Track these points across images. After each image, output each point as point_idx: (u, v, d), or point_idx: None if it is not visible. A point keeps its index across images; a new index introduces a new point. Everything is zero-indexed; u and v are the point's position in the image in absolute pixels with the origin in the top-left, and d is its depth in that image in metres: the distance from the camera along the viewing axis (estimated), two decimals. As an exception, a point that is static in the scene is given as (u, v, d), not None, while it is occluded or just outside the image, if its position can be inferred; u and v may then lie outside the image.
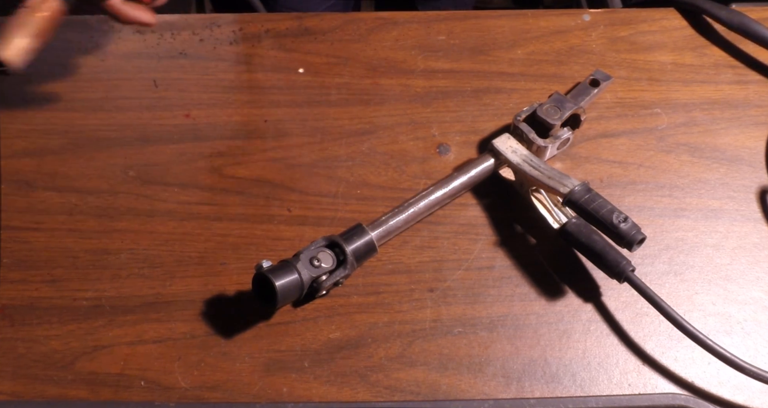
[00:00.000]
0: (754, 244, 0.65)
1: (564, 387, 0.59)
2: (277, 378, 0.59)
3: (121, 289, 0.62)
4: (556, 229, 0.62)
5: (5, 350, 0.60)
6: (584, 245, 0.60)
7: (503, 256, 0.64)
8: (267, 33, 0.77)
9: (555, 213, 0.63)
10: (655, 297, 0.58)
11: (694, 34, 0.78)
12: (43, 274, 0.63)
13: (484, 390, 0.58)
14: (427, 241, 0.65)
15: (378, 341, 0.60)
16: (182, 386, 0.58)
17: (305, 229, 0.65)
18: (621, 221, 0.58)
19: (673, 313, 0.57)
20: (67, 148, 0.70)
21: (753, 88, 0.74)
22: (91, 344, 0.60)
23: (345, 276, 0.59)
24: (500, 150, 0.65)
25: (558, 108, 0.66)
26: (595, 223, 0.60)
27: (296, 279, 0.57)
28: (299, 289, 0.57)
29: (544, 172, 0.63)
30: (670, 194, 0.68)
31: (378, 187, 0.68)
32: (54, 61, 0.75)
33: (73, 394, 0.58)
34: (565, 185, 0.61)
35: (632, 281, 0.59)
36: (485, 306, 0.62)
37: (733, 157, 0.70)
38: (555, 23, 0.78)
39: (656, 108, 0.73)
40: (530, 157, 0.64)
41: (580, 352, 0.60)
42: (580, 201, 0.60)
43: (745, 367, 0.56)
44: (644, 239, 0.58)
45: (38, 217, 0.66)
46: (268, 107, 0.73)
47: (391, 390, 0.58)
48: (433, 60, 0.75)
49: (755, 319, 0.62)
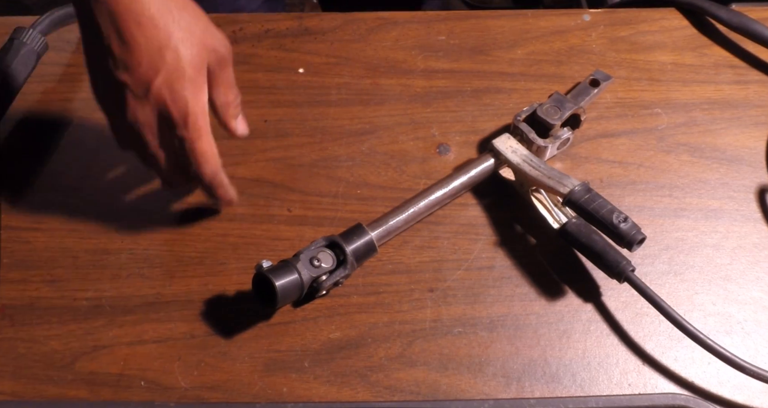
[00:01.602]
0: (754, 244, 0.65)
1: (564, 387, 0.59)
2: (277, 378, 0.59)
3: (121, 289, 0.62)
4: (556, 229, 0.62)
5: (5, 350, 0.60)
6: (584, 245, 0.60)
7: (503, 256, 0.64)
8: (267, 33, 0.77)
9: (555, 213, 0.63)
10: (655, 297, 0.58)
11: (694, 34, 0.78)
12: (43, 274, 0.63)
13: (484, 390, 0.58)
14: (427, 241, 0.65)
15: (378, 341, 0.60)
16: (182, 386, 0.58)
17: (305, 229, 0.65)
18: (621, 221, 0.58)
19: (674, 313, 0.57)
20: (68, 148, 0.70)
21: (753, 88, 0.74)
22: (91, 344, 0.60)
23: (345, 276, 0.59)
24: (500, 150, 0.65)
25: (558, 108, 0.66)
26: (595, 223, 0.60)
27: (296, 279, 0.57)
28: (299, 289, 0.57)
29: (544, 172, 0.63)
30: (670, 194, 0.68)
31: (378, 187, 0.68)
32: (54, 61, 0.75)
33: (73, 394, 0.58)
34: (565, 185, 0.61)
35: (632, 281, 0.59)
36: (485, 306, 0.62)
37: (733, 157, 0.70)
38: (555, 23, 0.78)
39: (656, 108, 0.73)
40: (530, 157, 0.64)
41: (580, 352, 0.60)
42: (580, 201, 0.60)
43: (745, 367, 0.56)
44: (644, 239, 0.58)
45: (38, 217, 0.66)
46: (268, 107, 0.73)
47: (391, 390, 0.58)
48: (433, 60, 0.75)
49: (755, 319, 0.62)
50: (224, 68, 0.58)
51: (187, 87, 0.55)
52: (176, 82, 0.55)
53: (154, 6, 0.53)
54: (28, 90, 0.72)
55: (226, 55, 0.57)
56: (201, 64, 0.56)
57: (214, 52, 0.57)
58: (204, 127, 0.57)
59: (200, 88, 0.56)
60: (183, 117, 0.55)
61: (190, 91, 0.55)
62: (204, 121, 0.56)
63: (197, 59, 0.55)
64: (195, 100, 0.55)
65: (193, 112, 0.55)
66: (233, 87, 0.60)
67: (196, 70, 0.55)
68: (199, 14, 0.57)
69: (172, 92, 0.55)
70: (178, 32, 0.54)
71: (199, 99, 0.56)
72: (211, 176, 0.59)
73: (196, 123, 0.56)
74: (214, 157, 0.58)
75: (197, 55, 0.55)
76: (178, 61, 0.54)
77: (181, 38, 0.54)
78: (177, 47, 0.54)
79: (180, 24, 0.55)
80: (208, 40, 0.56)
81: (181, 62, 0.54)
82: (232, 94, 0.60)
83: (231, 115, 0.60)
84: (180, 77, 0.55)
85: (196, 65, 0.55)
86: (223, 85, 0.58)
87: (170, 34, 0.54)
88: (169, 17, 0.54)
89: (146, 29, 0.53)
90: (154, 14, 0.53)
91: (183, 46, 0.55)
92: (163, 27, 0.54)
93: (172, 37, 0.54)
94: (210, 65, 0.57)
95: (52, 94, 0.73)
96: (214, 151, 0.58)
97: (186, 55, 0.55)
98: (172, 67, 0.54)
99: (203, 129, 0.56)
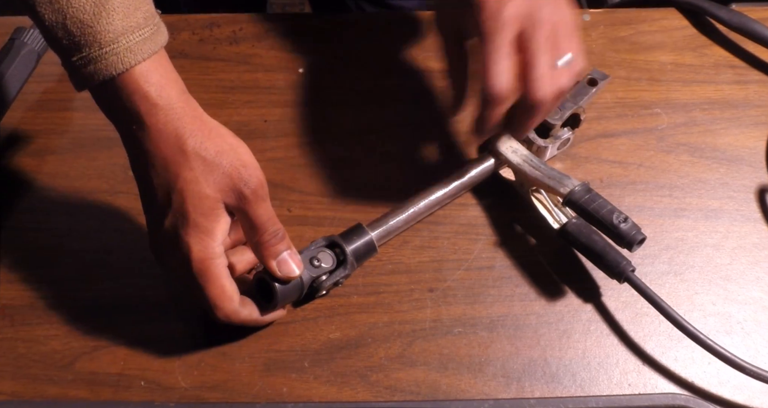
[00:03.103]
0: (754, 244, 0.65)
1: (564, 387, 0.59)
2: (277, 378, 0.59)
3: (121, 289, 0.62)
4: (556, 229, 0.62)
5: (5, 350, 0.60)
6: (584, 245, 0.60)
7: (503, 256, 0.64)
8: (267, 33, 0.77)
9: (555, 213, 0.63)
10: (655, 297, 0.58)
11: (694, 34, 0.78)
12: (43, 274, 0.63)
13: (484, 390, 0.58)
14: (427, 241, 0.65)
15: (378, 341, 0.60)
16: (182, 386, 0.58)
17: (305, 229, 0.65)
18: (621, 221, 0.58)
19: (674, 313, 0.57)
20: (68, 148, 0.70)
21: (753, 88, 0.74)
22: (91, 344, 0.60)
23: (345, 276, 0.59)
24: (500, 150, 0.65)
25: (558, 108, 0.66)
26: (595, 224, 0.60)
27: (296, 280, 0.57)
28: (299, 289, 0.57)
29: (545, 173, 0.63)
30: (670, 194, 0.68)
31: (378, 188, 0.68)
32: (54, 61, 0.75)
33: (73, 394, 0.58)
34: (565, 186, 0.61)
35: (632, 281, 0.59)
36: (485, 306, 0.62)
37: (733, 157, 0.70)
38: (555, 23, 0.78)
39: (656, 108, 0.73)
40: (530, 157, 0.64)
41: (580, 352, 0.60)
42: (580, 201, 0.60)
43: (745, 367, 0.56)
44: (644, 239, 0.58)
45: (38, 217, 0.66)
46: (268, 107, 0.73)
47: (391, 390, 0.58)
48: (433, 60, 0.75)
49: (755, 319, 0.61)
50: (249, 208, 0.53)
51: (190, 233, 0.52)
52: (180, 228, 0.52)
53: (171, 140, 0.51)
54: (28, 90, 0.73)
55: (250, 195, 0.53)
56: (211, 207, 0.52)
57: (234, 192, 0.53)
58: (213, 272, 0.53)
59: (208, 234, 0.52)
60: (185, 264, 0.53)
61: (194, 238, 0.52)
62: (213, 266, 0.53)
63: (206, 202, 0.52)
64: (200, 246, 0.52)
65: (197, 259, 0.52)
66: (264, 226, 0.54)
67: (202, 214, 0.52)
68: (226, 147, 0.53)
69: (176, 237, 0.52)
70: (188, 172, 0.52)
71: (205, 245, 0.52)
72: (225, 320, 0.55)
73: (201, 270, 0.53)
74: (226, 301, 0.54)
75: (206, 197, 0.52)
76: (181, 204, 0.52)
77: (191, 179, 0.52)
78: (183, 190, 0.52)
79: (195, 162, 0.52)
80: (230, 179, 0.53)
81: (184, 205, 0.52)
82: (262, 235, 0.55)
83: (267, 256, 0.55)
84: (183, 223, 0.52)
85: (203, 209, 0.52)
86: (249, 226, 0.54)
87: (178, 175, 0.52)
88: (181, 156, 0.52)
89: (158, 169, 0.52)
90: (167, 155, 0.52)
91: (190, 189, 0.52)
92: (173, 167, 0.52)
93: (179, 179, 0.52)
94: (229, 204, 0.53)
95: (52, 94, 0.73)
96: (228, 294, 0.54)
97: (192, 198, 0.52)
98: (177, 211, 0.52)
99: (211, 275, 0.53)
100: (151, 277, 0.63)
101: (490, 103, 0.58)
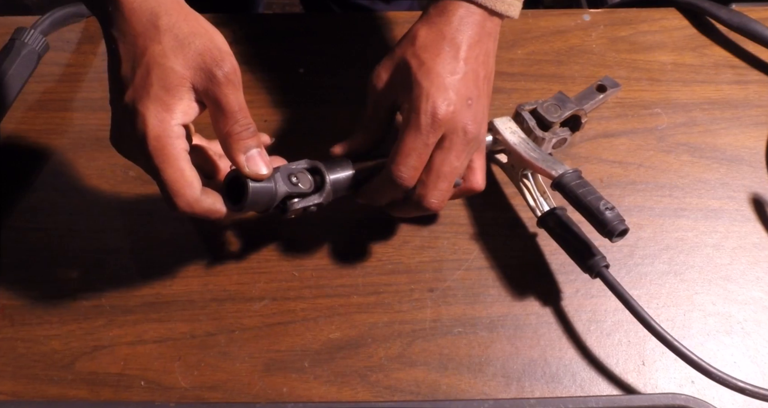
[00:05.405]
0: (754, 244, 0.65)
1: (564, 387, 0.59)
2: (277, 378, 0.59)
3: (121, 289, 0.62)
4: (538, 216, 0.62)
5: (5, 350, 0.60)
6: (561, 236, 0.60)
7: (503, 256, 0.64)
8: (267, 33, 0.77)
9: (539, 201, 0.63)
10: (625, 294, 0.57)
11: (694, 34, 0.78)
12: (43, 274, 0.63)
13: (484, 390, 0.58)
14: (427, 241, 0.65)
15: (378, 341, 0.60)
16: (182, 386, 0.58)
17: (305, 228, 0.65)
18: (607, 209, 0.56)
19: (642, 312, 0.56)
20: (68, 148, 0.70)
21: (753, 88, 0.74)
22: (91, 344, 0.60)
23: (317, 204, 0.57)
24: (499, 128, 0.64)
25: (559, 107, 0.66)
26: (581, 209, 0.58)
27: (270, 187, 0.54)
28: (271, 198, 0.54)
29: (539, 155, 0.62)
30: (670, 194, 0.68)
31: (378, 187, 0.68)
32: (54, 61, 0.75)
33: (73, 394, 0.58)
34: (557, 170, 0.60)
35: (604, 277, 0.58)
36: (485, 306, 0.62)
37: (733, 157, 0.70)
38: (555, 23, 0.78)
39: (656, 108, 0.73)
40: (527, 140, 0.64)
41: (580, 352, 0.60)
42: (570, 184, 0.58)
43: (711, 371, 0.55)
44: (626, 231, 0.56)
45: (38, 217, 0.66)
46: (268, 107, 0.73)
47: (391, 390, 0.58)
48: (433, 60, 0.75)
49: (755, 319, 0.62)
50: (220, 91, 0.50)
51: (149, 106, 0.49)
52: (138, 101, 0.49)
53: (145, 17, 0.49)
54: (28, 90, 0.73)
55: (222, 77, 0.50)
56: (176, 83, 0.49)
57: (204, 72, 0.50)
58: (169, 152, 0.49)
59: (167, 109, 0.49)
60: (142, 142, 0.49)
61: (152, 111, 0.49)
62: (169, 145, 0.49)
63: (171, 76, 0.49)
64: (156, 120, 0.49)
65: (152, 135, 0.49)
66: (234, 115, 0.51)
67: (164, 87, 0.49)
68: (201, 30, 0.51)
69: (134, 112, 0.49)
70: (156, 46, 0.49)
71: (162, 119, 0.49)
72: (185, 211, 0.51)
73: (156, 148, 0.49)
74: (186, 187, 0.50)
75: (173, 71, 0.49)
76: (144, 77, 0.49)
77: (159, 52, 0.49)
78: (149, 63, 0.49)
79: (166, 37, 0.49)
80: (202, 58, 0.50)
81: (148, 78, 0.49)
82: (233, 125, 0.51)
83: (235, 149, 0.52)
84: (143, 95, 0.49)
85: (166, 83, 0.49)
86: (219, 113, 0.51)
87: (146, 48, 0.49)
88: (153, 31, 0.49)
89: (127, 44, 0.50)
90: (138, 30, 0.49)
91: (156, 62, 0.49)
92: (142, 40, 0.49)
93: (147, 51, 0.49)
94: (197, 87, 0.50)
95: (52, 94, 0.73)
96: (187, 179, 0.50)
97: (157, 70, 0.49)
98: (139, 84, 0.49)
99: (168, 155, 0.49)
100: (151, 278, 0.63)
101: (390, 186, 0.57)
